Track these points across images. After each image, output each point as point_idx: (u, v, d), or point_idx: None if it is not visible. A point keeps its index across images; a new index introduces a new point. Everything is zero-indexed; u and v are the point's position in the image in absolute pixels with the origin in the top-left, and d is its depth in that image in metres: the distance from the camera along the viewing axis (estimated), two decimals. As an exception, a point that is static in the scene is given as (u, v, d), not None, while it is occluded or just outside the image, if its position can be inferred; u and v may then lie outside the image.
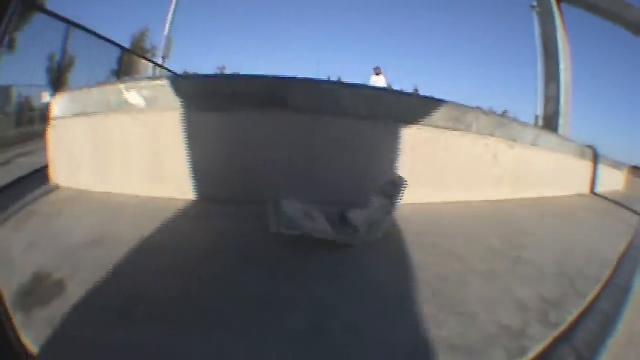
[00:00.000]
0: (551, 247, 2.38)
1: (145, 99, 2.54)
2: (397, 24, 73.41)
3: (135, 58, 9.58)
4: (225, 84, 2.83)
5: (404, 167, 2.80)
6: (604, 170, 5.64)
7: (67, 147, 2.74)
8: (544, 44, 9.32)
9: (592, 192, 5.21)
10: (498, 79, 58.58)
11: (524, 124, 4.29)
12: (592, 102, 49.39)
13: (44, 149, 2.92)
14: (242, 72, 23.92)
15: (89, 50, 6.23)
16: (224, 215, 2.25)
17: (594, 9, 8.89)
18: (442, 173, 3.15)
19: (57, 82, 5.67)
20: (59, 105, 2.83)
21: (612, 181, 6.18)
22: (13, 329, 0.97)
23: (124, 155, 2.65)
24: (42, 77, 5.36)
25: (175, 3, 15.00)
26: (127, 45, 8.68)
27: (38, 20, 5.09)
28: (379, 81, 10.82)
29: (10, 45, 4.85)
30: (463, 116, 3.18)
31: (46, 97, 5.54)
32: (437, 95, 3.51)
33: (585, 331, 1.45)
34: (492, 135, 3.36)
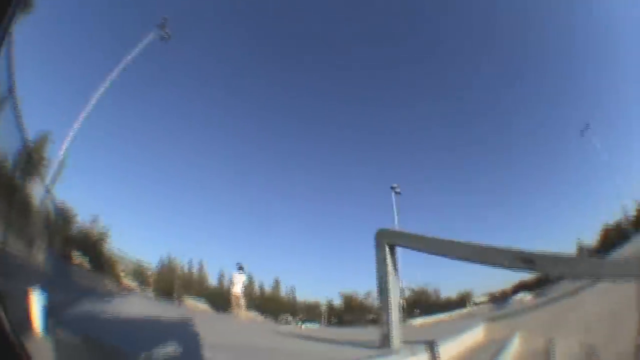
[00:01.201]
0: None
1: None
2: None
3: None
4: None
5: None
6: (452, 345, 7.57)
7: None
8: (378, 281, 11.23)
9: None
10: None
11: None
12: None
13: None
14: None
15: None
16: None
17: (418, 249, 11.51)
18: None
19: None
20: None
21: (467, 343, 8.26)
22: (13, 330, 1.16)
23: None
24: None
25: (79, 125, 15.02)
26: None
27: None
28: (240, 279, 12.86)
29: None
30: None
31: None
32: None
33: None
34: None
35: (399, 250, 10.76)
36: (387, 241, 11.40)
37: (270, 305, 34.29)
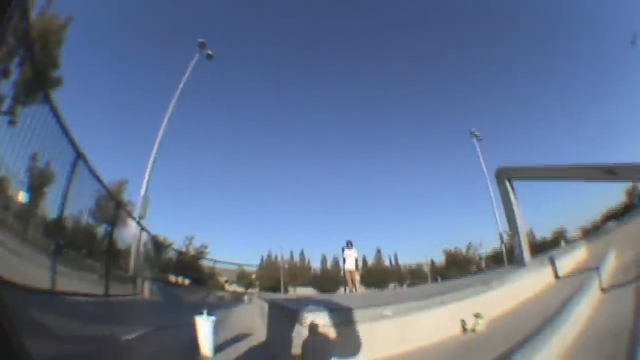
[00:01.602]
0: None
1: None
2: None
3: (111, 205, 9.63)
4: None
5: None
6: (563, 260, 9.38)
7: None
8: (506, 211, 13.37)
9: (556, 277, 8.35)
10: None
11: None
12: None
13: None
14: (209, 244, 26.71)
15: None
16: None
17: (532, 178, 14.37)
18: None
19: (35, 186, 5.84)
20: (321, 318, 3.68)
21: (575, 258, 10.89)
22: (13, 331, 1.10)
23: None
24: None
25: (152, 162, 15.67)
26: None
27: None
28: (350, 254, 12.85)
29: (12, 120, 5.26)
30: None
31: (20, 197, 5.57)
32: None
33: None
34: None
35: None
36: (507, 176, 13.48)
37: (378, 276, 34.75)
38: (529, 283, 7.14)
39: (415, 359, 3.78)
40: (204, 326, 5.39)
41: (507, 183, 13.13)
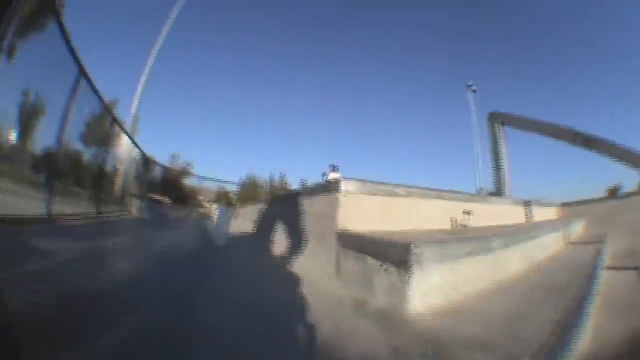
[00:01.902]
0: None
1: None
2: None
3: (106, 123, 9.44)
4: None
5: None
6: (536, 209, 10.68)
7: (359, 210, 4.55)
8: (493, 149, 14.91)
9: (527, 219, 9.68)
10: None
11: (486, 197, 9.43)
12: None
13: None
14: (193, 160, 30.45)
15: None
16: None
17: (523, 128, 14.52)
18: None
19: (25, 123, 5.65)
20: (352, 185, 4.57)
21: (545, 214, 11.91)
22: (13, 331, 1.11)
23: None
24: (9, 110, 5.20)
25: (143, 82, 15.13)
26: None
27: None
28: (336, 178, 11.50)
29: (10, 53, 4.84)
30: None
31: (12, 136, 5.51)
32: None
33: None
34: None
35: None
36: (499, 119, 14.80)
37: None
38: (505, 212, 8.41)
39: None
40: (221, 212, 6.28)
41: (499, 125, 14.45)
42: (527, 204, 10.21)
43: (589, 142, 11.33)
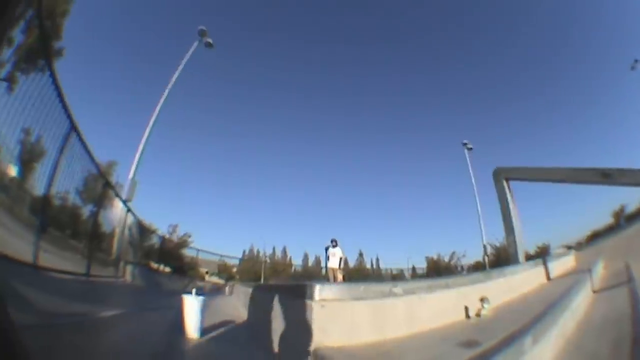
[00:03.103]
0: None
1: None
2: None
3: (100, 184, 9.33)
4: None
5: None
6: (554, 263, 9.90)
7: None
8: (502, 210, 13.92)
9: (548, 279, 8.89)
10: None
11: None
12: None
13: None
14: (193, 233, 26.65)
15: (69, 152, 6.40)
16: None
17: (529, 179, 14.51)
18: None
19: (25, 162, 5.70)
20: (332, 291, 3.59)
21: (564, 265, 11.08)
22: (13, 331, 1.08)
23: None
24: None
25: (142, 146, 15.21)
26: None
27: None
28: (335, 253, 12.69)
29: (10, 86, 5.15)
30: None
31: (12, 171, 5.51)
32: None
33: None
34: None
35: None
36: (504, 175, 14.09)
37: (359, 276, 34.75)
38: (524, 280, 7.36)
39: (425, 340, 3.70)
40: (193, 305, 5.17)
41: (504, 182, 13.55)
42: (544, 261, 9.62)
43: (607, 176, 10.89)
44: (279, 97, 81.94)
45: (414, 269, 37.50)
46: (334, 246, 12.74)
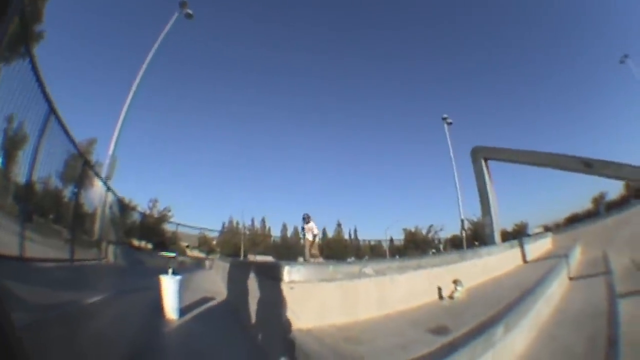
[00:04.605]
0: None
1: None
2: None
3: (80, 164, 9.11)
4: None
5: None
6: (530, 246, 10.10)
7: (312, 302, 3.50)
8: (479, 190, 13.87)
9: (524, 261, 9.04)
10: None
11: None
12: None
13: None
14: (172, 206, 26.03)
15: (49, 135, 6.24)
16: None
17: (508, 160, 14.19)
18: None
19: (7, 151, 5.50)
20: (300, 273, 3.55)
21: (540, 247, 11.30)
22: (12, 331, 1.07)
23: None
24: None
25: (121, 122, 15.02)
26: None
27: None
28: (309, 229, 12.43)
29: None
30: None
31: None
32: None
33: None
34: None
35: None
36: (483, 155, 13.95)
37: (337, 249, 35.05)
38: (500, 261, 7.43)
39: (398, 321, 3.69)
40: (170, 285, 5.13)
41: (482, 162, 13.54)
42: (521, 243, 9.64)
43: (589, 165, 11.10)
44: (256, 68, 79.75)
45: (391, 240, 37.85)
46: (307, 222, 12.64)
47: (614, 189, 28.73)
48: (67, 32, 47.04)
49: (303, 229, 12.82)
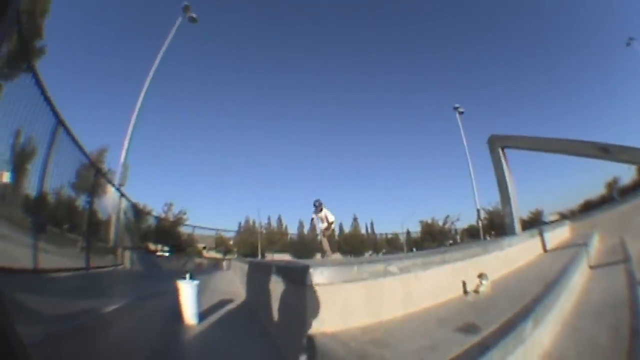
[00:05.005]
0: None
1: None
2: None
3: (92, 174, 9.22)
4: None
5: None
6: (549, 234, 9.75)
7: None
8: (498, 179, 13.47)
9: (544, 250, 8.68)
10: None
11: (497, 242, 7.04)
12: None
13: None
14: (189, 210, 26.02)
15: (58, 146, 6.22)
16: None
17: (525, 148, 13.92)
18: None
19: (16, 165, 5.51)
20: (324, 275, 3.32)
21: (560, 235, 11.39)
22: (12, 331, 1.04)
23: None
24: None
25: (131, 130, 15.05)
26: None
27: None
28: (324, 217, 10.59)
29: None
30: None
31: (5, 178, 5.27)
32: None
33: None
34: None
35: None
36: (500, 144, 13.59)
37: (354, 243, 35.09)
38: (521, 252, 7.30)
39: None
40: (187, 291, 5.08)
41: (500, 151, 13.26)
42: (540, 232, 9.53)
43: (606, 151, 10.79)
44: (265, 66, 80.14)
45: (408, 232, 37.78)
46: (319, 210, 10.65)
47: (626, 174, 28.22)
48: (71, 45, 48.05)
49: (312, 222, 11.60)
